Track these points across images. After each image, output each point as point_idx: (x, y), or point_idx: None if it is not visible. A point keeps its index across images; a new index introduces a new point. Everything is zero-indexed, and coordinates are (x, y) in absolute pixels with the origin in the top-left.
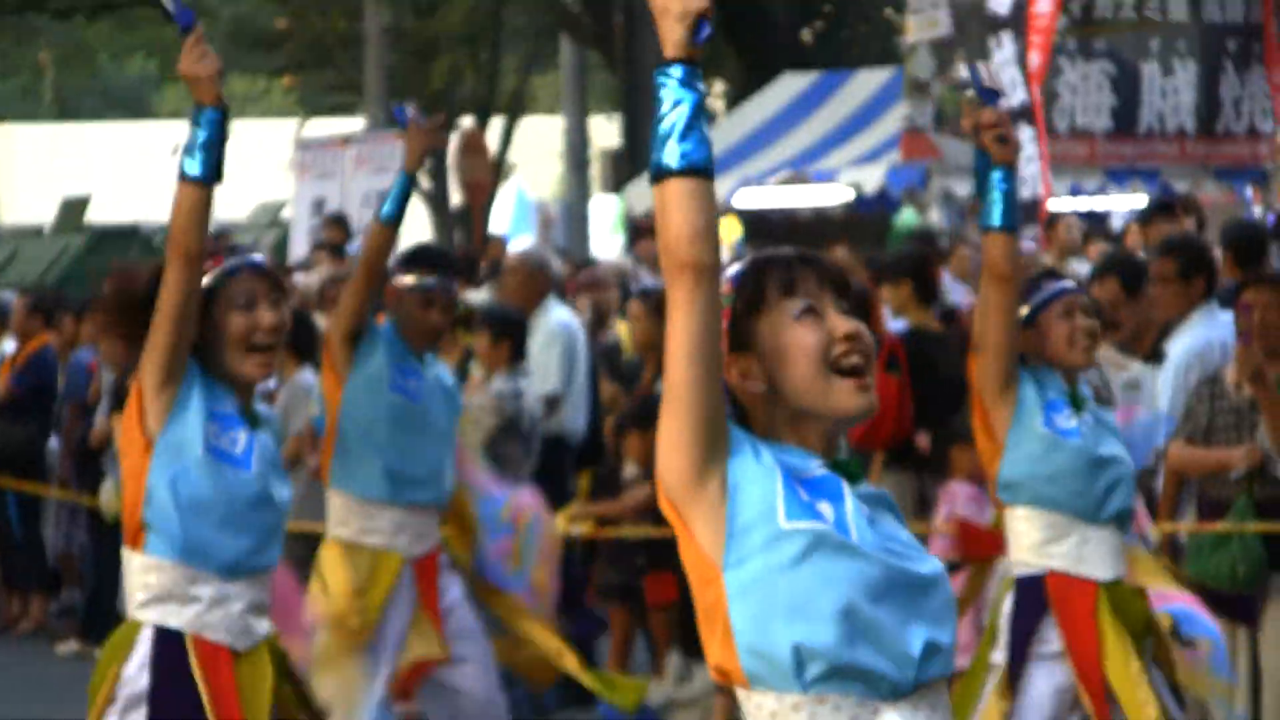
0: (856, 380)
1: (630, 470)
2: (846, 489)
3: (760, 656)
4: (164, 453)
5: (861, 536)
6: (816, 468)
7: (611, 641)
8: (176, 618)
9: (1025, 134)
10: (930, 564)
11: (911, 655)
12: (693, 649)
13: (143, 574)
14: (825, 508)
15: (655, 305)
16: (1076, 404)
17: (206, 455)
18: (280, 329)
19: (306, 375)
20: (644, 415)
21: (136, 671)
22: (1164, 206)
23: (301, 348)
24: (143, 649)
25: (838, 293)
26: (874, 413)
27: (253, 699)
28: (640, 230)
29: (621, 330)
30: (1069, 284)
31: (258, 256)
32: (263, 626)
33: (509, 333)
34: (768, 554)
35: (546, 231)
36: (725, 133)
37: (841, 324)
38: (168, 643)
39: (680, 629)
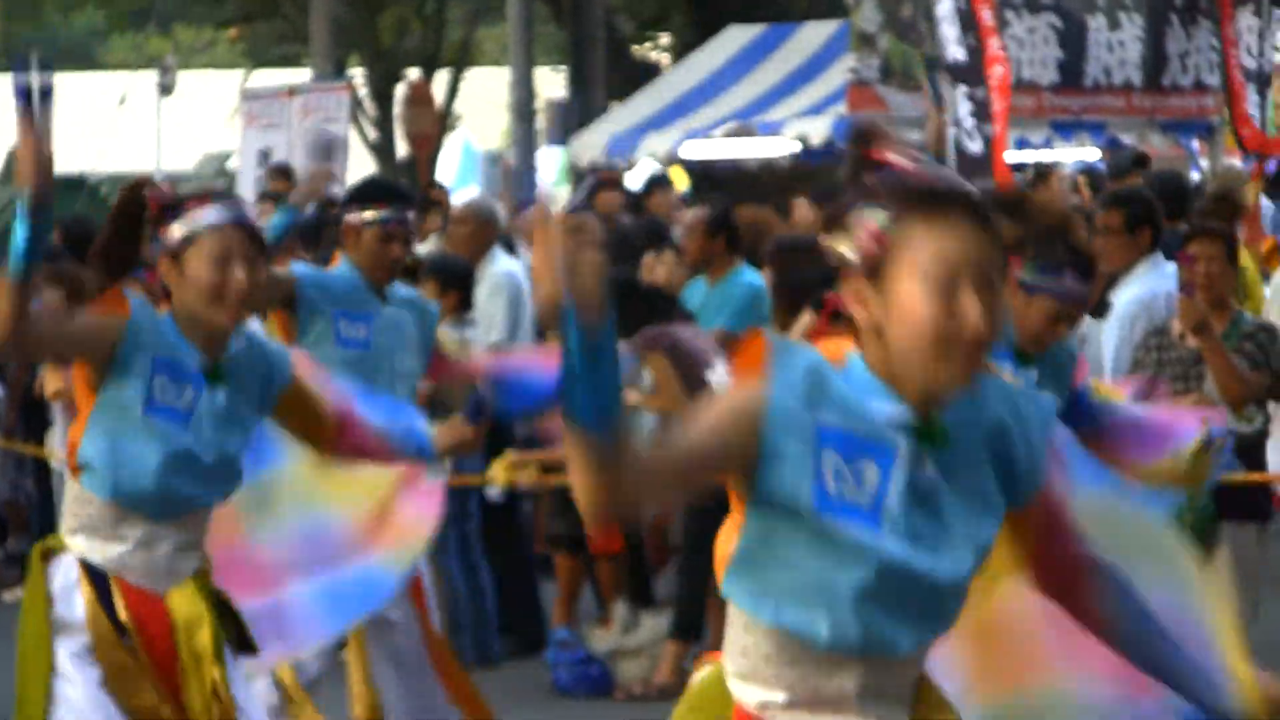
0: (958, 362)
1: None
2: (902, 459)
3: (746, 612)
4: (104, 408)
5: (893, 522)
6: (884, 424)
7: (558, 591)
8: (101, 554)
9: (960, 90)
10: (957, 565)
11: (896, 650)
12: (640, 597)
13: (75, 503)
14: (869, 471)
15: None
16: (1023, 361)
17: (145, 416)
18: (252, 291)
19: (253, 325)
20: None
21: (62, 592)
22: (1139, 159)
23: None
24: (66, 573)
25: (992, 268)
26: (956, 393)
27: (190, 634)
28: (603, 183)
29: None
30: (1080, 291)
31: (246, 211)
32: (191, 563)
33: (456, 283)
34: (783, 528)
35: (507, 181)
36: (671, 85)
37: (973, 320)
38: (95, 577)
39: (628, 578)
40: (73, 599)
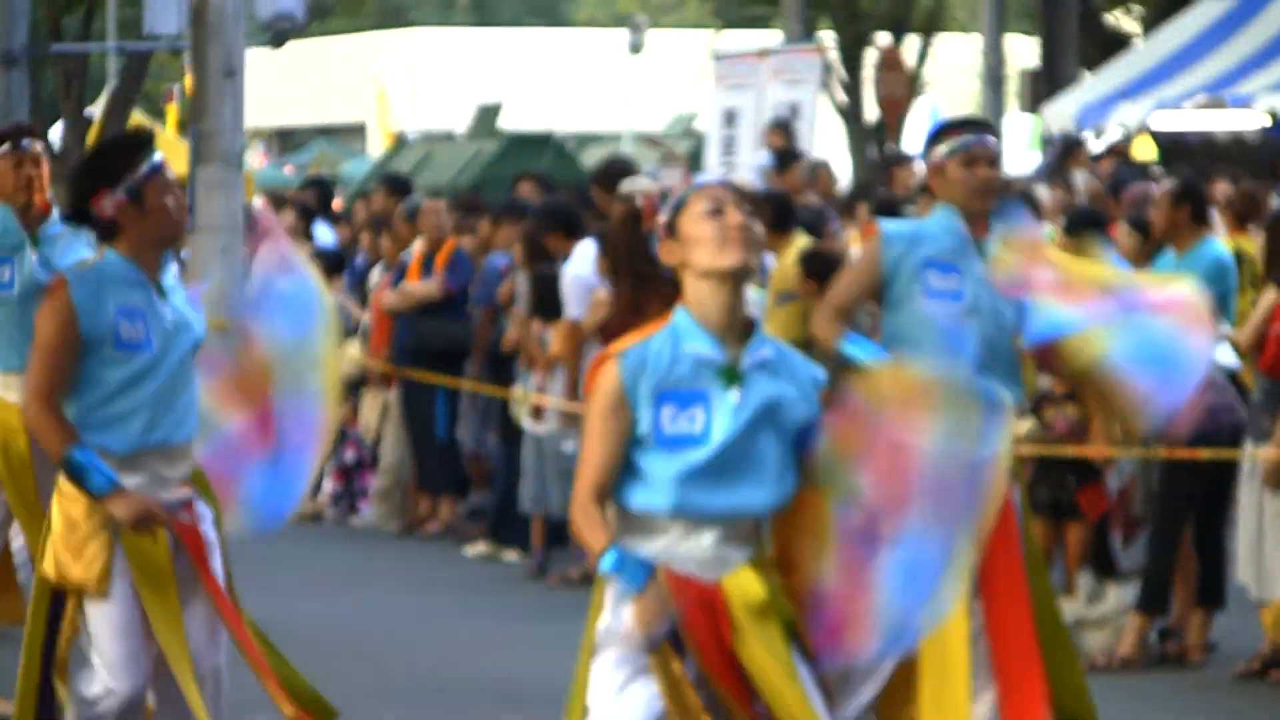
0: None
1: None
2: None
3: None
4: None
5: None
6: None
7: None
8: (644, 547)
9: None
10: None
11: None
12: (1104, 568)
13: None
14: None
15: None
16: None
17: (658, 449)
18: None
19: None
20: None
21: (613, 602)
22: None
23: None
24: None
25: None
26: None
27: (753, 621)
28: (1109, 152)
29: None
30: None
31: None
32: (741, 553)
33: None
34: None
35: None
36: (1142, 56)
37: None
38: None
39: (1093, 548)
40: (621, 609)
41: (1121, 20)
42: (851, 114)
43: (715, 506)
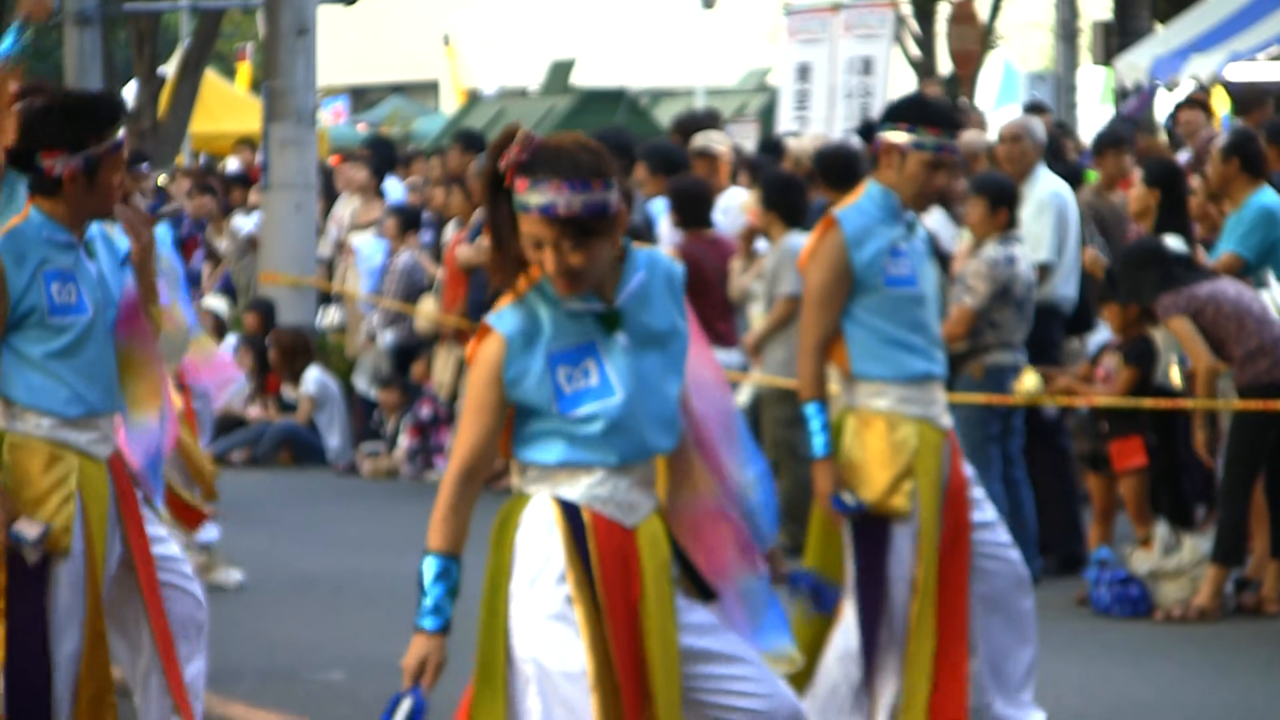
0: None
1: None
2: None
3: None
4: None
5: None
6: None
7: (1093, 512)
8: (569, 490)
9: None
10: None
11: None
12: (1181, 519)
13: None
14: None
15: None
16: None
17: (562, 415)
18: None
19: (795, 239)
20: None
21: (534, 535)
22: None
23: (791, 213)
24: (538, 514)
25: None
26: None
27: (657, 577)
28: (1188, 102)
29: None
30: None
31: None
32: (650, 500)
33: (1005, 200)
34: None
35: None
36: (1215, 8)
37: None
38: (569, 513)
39: (1166, 497)
40: (548, 540)
41: None
42: (924, 68)
43: (633, 453)
